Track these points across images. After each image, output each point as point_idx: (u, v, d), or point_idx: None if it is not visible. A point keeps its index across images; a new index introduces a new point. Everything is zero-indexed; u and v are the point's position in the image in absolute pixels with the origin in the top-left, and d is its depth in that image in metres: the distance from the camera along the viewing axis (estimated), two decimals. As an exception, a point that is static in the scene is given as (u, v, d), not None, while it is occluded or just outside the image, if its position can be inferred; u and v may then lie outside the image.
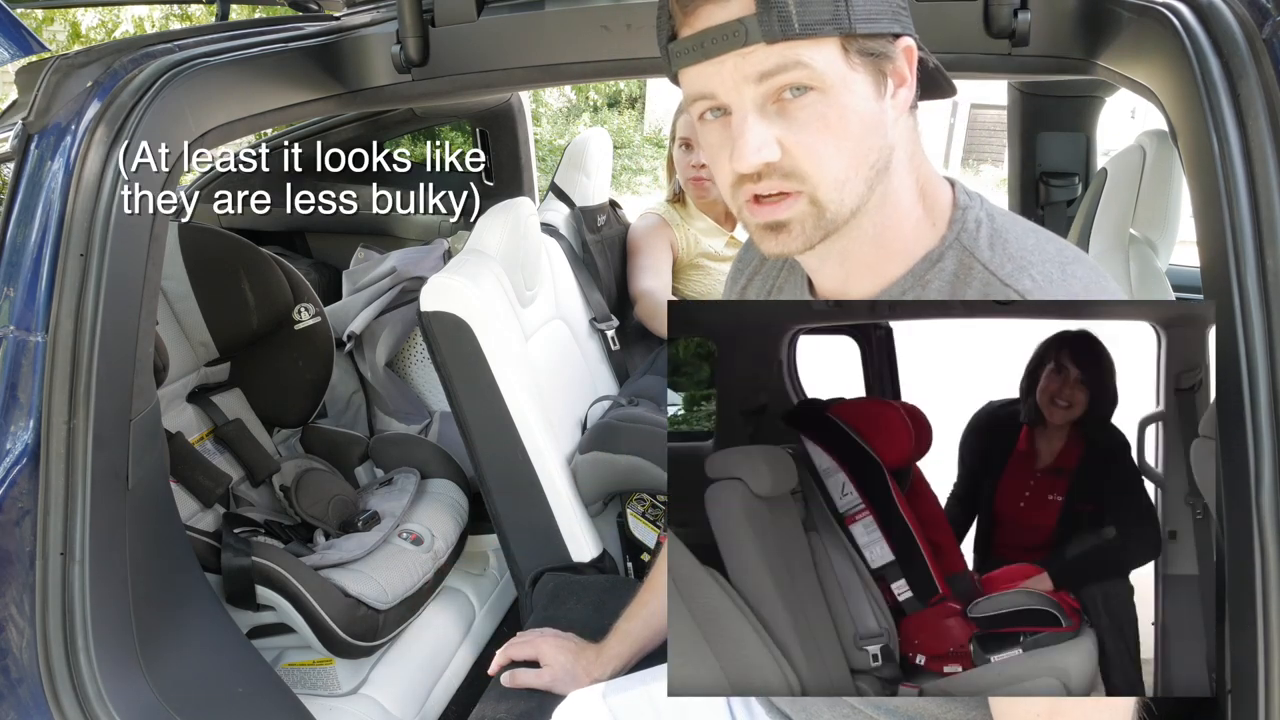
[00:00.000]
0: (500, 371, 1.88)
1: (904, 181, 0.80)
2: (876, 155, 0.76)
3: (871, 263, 0.83)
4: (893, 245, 0.82)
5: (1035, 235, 0.80)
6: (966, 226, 0.80)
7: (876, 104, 0.75)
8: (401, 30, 1.42)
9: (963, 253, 0.79)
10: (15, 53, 1.24)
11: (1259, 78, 0.88)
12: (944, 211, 0.82)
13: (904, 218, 0.81)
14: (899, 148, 0.78)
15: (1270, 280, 0.85)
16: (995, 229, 0.80)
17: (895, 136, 0.77)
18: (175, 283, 1.91)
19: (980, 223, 0.80)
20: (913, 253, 0.81)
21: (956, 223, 0.81)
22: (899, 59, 0.75)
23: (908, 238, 0.81)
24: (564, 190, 2.58)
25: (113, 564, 1.19)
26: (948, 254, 0.80)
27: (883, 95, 0.75)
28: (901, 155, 0.79)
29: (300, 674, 1.79)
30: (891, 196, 0.80)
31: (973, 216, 0.81)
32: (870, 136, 0.76)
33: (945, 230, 0.81)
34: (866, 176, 0.76)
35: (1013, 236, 0.79)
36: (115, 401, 1.19)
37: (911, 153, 0.80)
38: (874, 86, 0.75)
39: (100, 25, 6.23)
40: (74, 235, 1.14)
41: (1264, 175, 0.86)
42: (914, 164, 0.81)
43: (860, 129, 0.75)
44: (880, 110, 0.75)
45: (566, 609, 1.81)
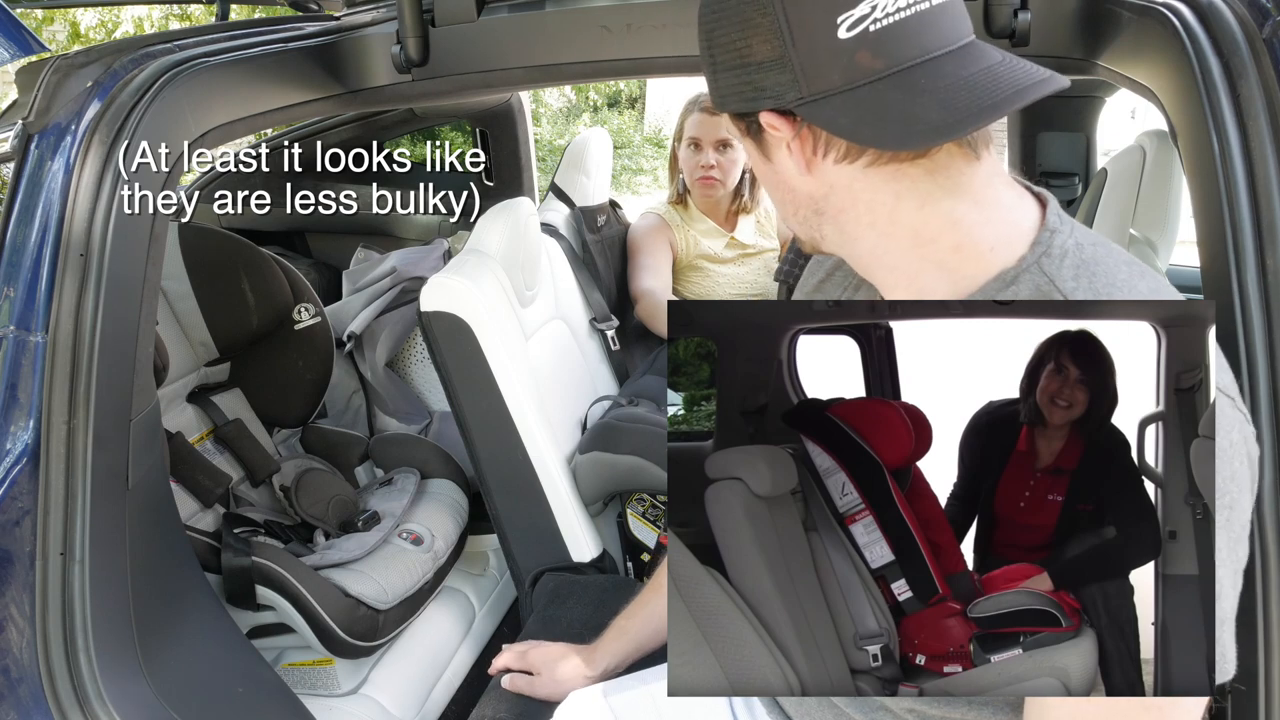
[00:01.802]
0: (500, 371, 1.88)
1: (892, 219, 0.78)
2: (793, 205, 0.83)
3: (905, 282, 0.81)
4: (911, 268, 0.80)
5: (1129, 269, 0.77)
6: (1050, 252, 0.77)
7: (765, 165, 0.83)
8: (401, 30, 1.42)
9: (1041, 278, 0.76)
10: (15, 53, 1.24)
11: (1259, 78, 0.88)
12: (1021, 233, 0.78)
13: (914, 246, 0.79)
14: (844, 194, 0.78)
15: (1270, 280, 0.85)
16: (1084, 259, 0.76)
17: (819, 187, 0.79)
18: (175, 283, 1.91)
19: (1067, 252, 0.77)
20: (965, 273, 0.78)
21: (1039, 245, 0.77)
22: (766, 130, 0.79)
23: (946, 261, 0.78)
24: (564, 190, 2.58)
25: (113, 564, 1.19)
26: (1023, 277, 0.77)
27: (767, 158, 0.82)
28: (860, 199, 0.78)
29: (300, 674, 1.79)
30: (865, 232, 0.80)
31: (1059, 243, 0.77)
32: (773, 190, 0.85)
33: (1025, 251, 0.77)
34: (794, 219, 0.84)
35: (1102, 270, 0.76)
36: (115, 401, 1.19)
37: (899, 192, 0.77)
38: (756, 150, 0.83)
39: (100, 25, 6.23)
40: (74, 235, 1.14)
41: (1264, 175, 0.86)
42: (916, 201, 0.77)
43: (765, 183, 0.86)
44: (771, 170, 0.82)
45: (566, 609, 1.81)
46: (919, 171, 0.76)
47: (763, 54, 0.75)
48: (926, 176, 0.76)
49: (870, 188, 0.77)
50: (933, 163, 0.76)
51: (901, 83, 0.72)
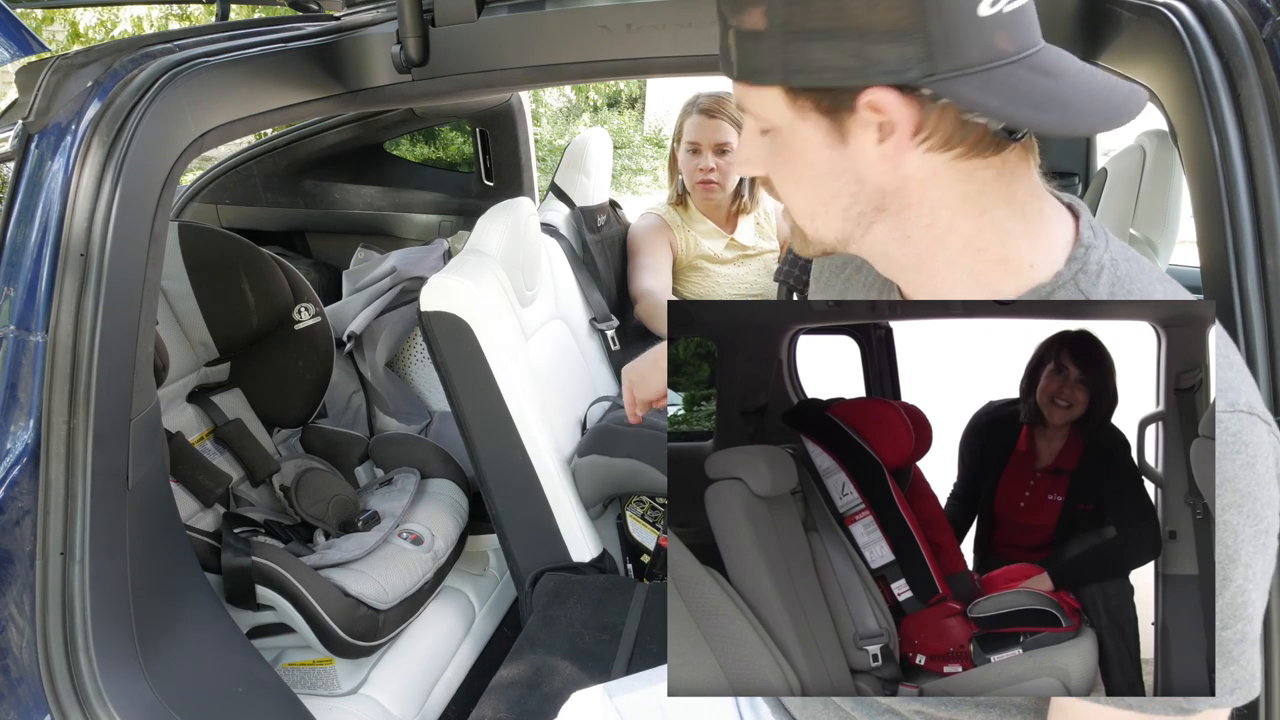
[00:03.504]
0: (500, 371, 1.88)
1: (952, 222, 0.75)
2: (849, 199, 0.75)
3: (938, 290, 0.79)
4: (952, 278, 0.77)
5: (1164, 286, 0.76)
6: (1087, 269, 0.75)
7: (832, 151, 0.74)
8: (401, 30, 1.42)
9: (1077, 294, 0.75)
10: (15, 53, 1.24)
11: (1259, 78, 0.88)
12: (1059, 248, 0.77)
13: (963, 254, 0.76)
14: (919, 190, 0.74)
15: (1270, 280, 0.85)
16: (1119, 276, 0.75)
17: (894, 180, 0.74)
18: (175, 283, 1.91)
19: (1103, 268, 0.75)
20: (1002, 288, 0.76)
21: (1076, 261, 0.76)
22: (863, 111, 0.70)
23: (983, 273, 0.77)
24: (564, 190, 2.58)
25: (113, 564, 1.19)
26: (1059, 293, 0.75)
27: (842, 144, 0.73)
28: (929, 196, 0.74)
29: (300, 674, 1.79)
30: (923, 234, 0.76)
31: (1095, 259, 0.76)
32: (828, 181, 0.75)
33: (1061, 268, 0.76)
34: (840, 215, 0.77)
35: (1138, 288, 0.75)
36: (115, 401, 1.19)
37: (966, 194, 0.74)
38: (826, 134, 0.73)
39: (100, 25, 6.23)
40: (74, 235, 1.14)
41: (1264, 175, 0.86)
42: (978, 205, 0.75)
43: (811, 172, 0.76)
44: (840, 158, 0.74)
45: (566, 609, 1.81)
46: (990, 174, 0.73)
47: (889, 22, 0.68)
48: (995, 180, 0.74)
49: (943, 185, 0.74)
50: (1004, 165, 0.74)
51: (1034, 66, 0.70)
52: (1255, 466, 0.69)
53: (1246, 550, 0.68)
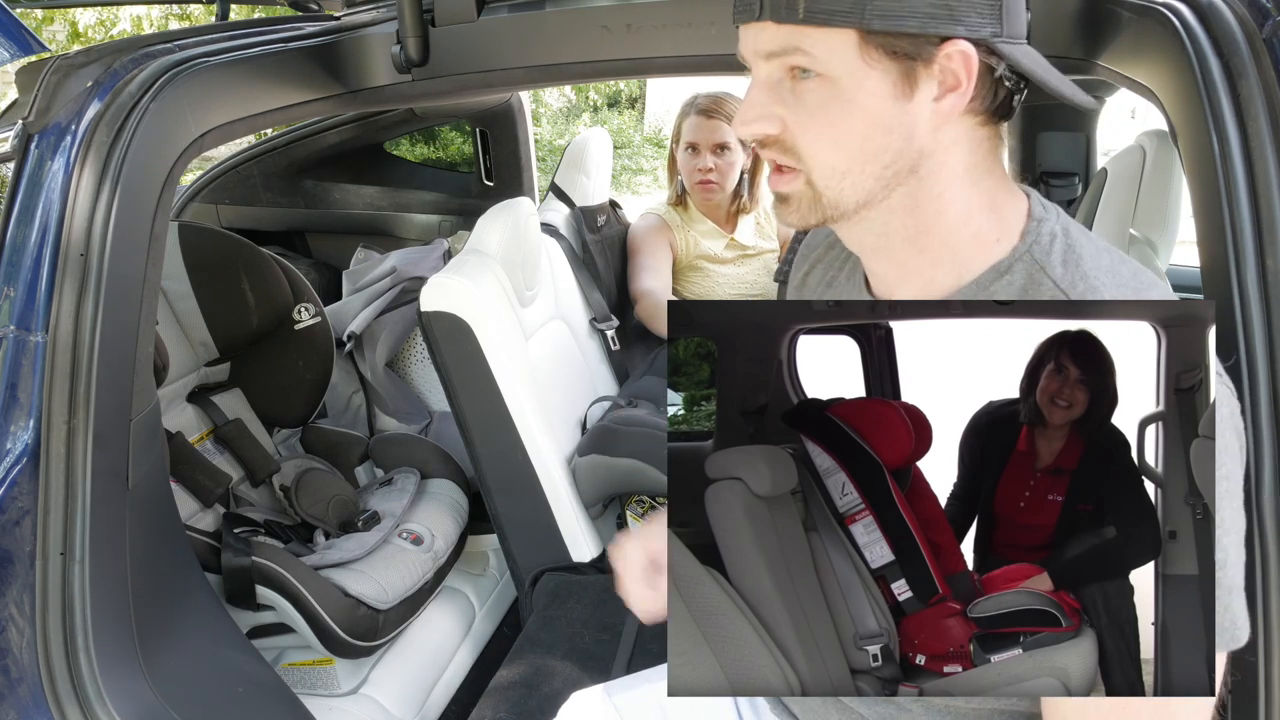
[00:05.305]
0: (500, 371, 1.88)
1: (955, 191, 0.77)
2: (892, 156, 0.74)
3: (917, 267, 0.80)
4: (937, 253, 0.79)
5: (1110, 255, 0.78)
6: (1040, 240, 0.77)
7: (894, 104, 0.72)
8: (401, 30, 1.42)
9: (1033, 266, 0.77)
10: (15, 53, 1.24)
11: (1259, 78, 0.88)
12: (1016, 222, 0.79)
13: (954, 227, 0.78)
14: (944, 155, 0.75)
15: (1270, 280, 0.85)
16: (1070, 244, 0.77)
17: (931, 142, 0.74)
18: (175, 283, 1.91)
19: (1055, 237, 0.77)
20: (971, 264, 0.78)
21: (1029, 235, 0.78)
22: (941, 62, 0.70)
23: (961, 248, 0.78)
24: (564, 190, 2.58)
25: (113, 564, 1.19)
26: (1016, 266, 0.77)
27: (907, 96, 0.71)
28: (948, 163, 0.75)
29: (300, 674, 1.79)
30: (931, 203, 0.77)
31: (1047, 230, 0.78)
32: (879, 136, 0.73)
33: (1017, 242, 0.78)
34: (876, 174, 0.74)
35: (1087, 255, 0.76)
36: (115, 401, 1.19)
37: (971, 163, 0.76)
38: (894, 86, 0.71)
39: (99, 25, 6.23)
40: (74, 235, 1.14)
41: (1264, 175, 0.86)
42: (974, 175, 0.77)
43: (865, 126, 0.73)
44: (899, 111, 0.72)
45: (566, 609, 1.81)
46: (988, 148, 0.77)
47: None
48: (990, 154, 0.77)
49: (961, 151, 0.76)
50: (996, 141, 0.78)
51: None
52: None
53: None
